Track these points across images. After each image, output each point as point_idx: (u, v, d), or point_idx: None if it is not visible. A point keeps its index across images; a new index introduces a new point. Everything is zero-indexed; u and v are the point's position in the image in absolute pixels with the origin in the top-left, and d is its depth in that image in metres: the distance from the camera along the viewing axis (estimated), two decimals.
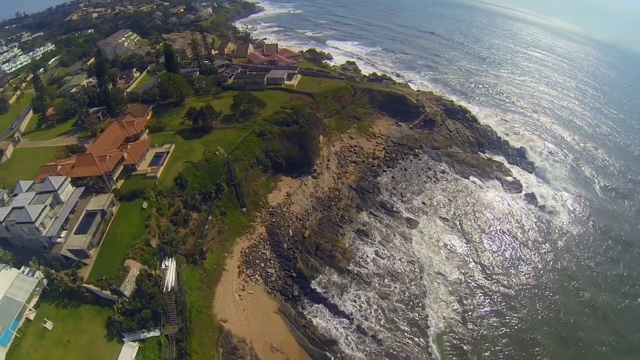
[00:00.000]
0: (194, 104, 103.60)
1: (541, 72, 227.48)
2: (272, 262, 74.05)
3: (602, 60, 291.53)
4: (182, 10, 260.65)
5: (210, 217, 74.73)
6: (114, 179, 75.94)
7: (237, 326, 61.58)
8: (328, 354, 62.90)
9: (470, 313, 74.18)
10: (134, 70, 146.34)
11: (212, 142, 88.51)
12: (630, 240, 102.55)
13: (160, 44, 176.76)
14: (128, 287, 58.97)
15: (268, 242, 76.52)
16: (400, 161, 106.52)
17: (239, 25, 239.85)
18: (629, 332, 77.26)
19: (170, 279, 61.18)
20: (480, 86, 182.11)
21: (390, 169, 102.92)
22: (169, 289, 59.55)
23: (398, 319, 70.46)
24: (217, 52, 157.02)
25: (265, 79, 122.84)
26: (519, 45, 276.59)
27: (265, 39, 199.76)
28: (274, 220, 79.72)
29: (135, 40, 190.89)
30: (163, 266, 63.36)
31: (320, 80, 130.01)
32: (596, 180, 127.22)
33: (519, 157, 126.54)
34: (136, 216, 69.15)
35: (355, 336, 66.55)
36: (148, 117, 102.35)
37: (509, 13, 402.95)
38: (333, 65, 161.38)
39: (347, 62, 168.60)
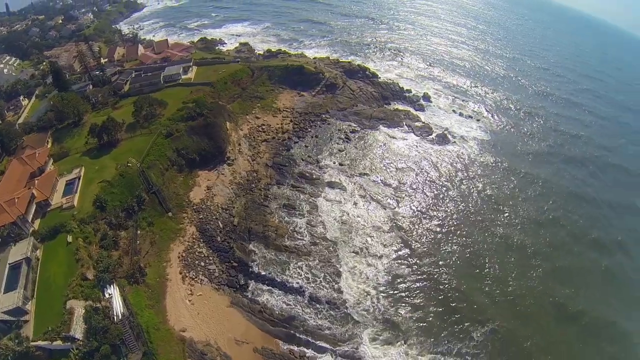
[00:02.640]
0: (94, 119, 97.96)
1: (435, 23, 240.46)
2: (210, 258, 73.33)
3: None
4: (60, 21, 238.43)
5: (139, 232, 72.39)
6: (30, 220, 70.14)
7: (197, 332, 61.36)
8: (291, 330, 64.04)
9: (408, 258, 79.00)
10: (21, 98, 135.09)
11: (122, 155, 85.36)
12: (534, 157, 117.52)
13: (44, 63, 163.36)
14: (78, 330, 55.54)
15: (201, 240, 75.55)
16: (309, 130, 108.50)
17: (124, 26, 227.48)
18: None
19: (117, 306, 59.27)
20: (376, 45, 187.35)
21: (301, 139, 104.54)
22: (120, 317, 57.59)
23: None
24: (106, 59, 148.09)
25: (161, 77, 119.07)
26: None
27: (154, 36, 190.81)
28: (201, 217, 78.94)
29: (15, 64, 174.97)
30: (107, 295, 60.70)
31: (216, 67, 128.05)
32: (498, 115, 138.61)
33: (424, 102, 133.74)
34: (64, 253, 65.18)
35: (311, 306, 68.26)
36: (49, 146, 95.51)
37: None
38: (227, 50, 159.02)
39: (240, 43, 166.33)
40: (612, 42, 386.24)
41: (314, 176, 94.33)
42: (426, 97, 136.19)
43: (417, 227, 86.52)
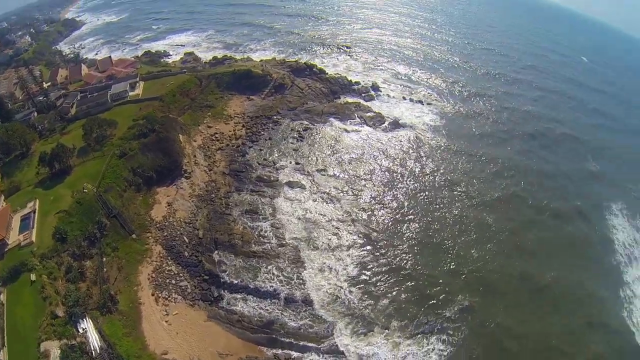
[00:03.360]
0: (42, 148, 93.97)
1: (378, 15, 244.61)
2: (181, 275, 72.23)
3: None
4: None
5: (104, 259, 70.56)
6: None
7: (179, 352, 60.69)
8: (273, 335, 64.20)
9: (373, 248, 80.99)
10: None
11: (77, 181, 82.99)
12: (487, 136, 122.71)
13: None
14: None
15: (169, 258, 74.43)
16: (262, 133, 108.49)
17: (64, 47, 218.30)
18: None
19: (94, 339, 57.61)
20: (321, 41, 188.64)
21: (255, 143, 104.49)
22: (98, 351, 56.13)
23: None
24: (49, 83, 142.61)
25: (108, 96, 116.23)
26: None
27: (96, 54, 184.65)
28: (165, 234, 77.87)
29: None
30: (81, 330, 58.47)
31: (164, 80, 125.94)
32: (448, 98, 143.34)
33: (373, 92, 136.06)
34: (29, 293, 62.03)
35: (288, 307, 68.67)
36: None
37: None
38: (173, 62, 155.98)
39: (185, 53, 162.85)
40: (558, 21, 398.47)
41: (272, 178, 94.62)
42: (375, 87, 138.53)
43: (378, 216, 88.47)
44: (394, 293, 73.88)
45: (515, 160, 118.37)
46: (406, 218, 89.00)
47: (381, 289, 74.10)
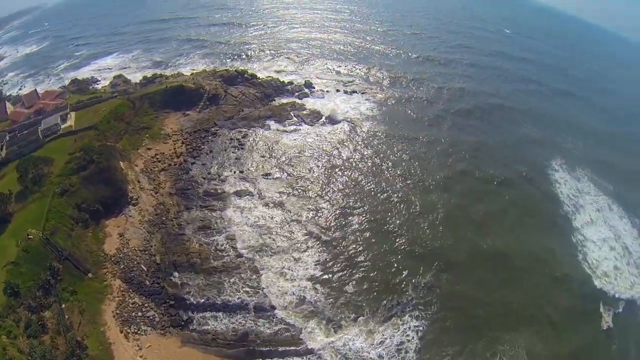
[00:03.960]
0: None
1: (303, 14, 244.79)
2: (146, 305, 70.61)
3: None
4: None
5: (63, 305, 66.97)
6: None
7: None
8: (250, 346, 64.44)
9: (329, 243, 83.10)
10: None
11: (20, 228, 78.53)
12: (426, 118, 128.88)
13: None
14: None
15: (131, 290, 72.50)
16: (203, 147, 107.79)
17: None
18: None
19: None
20: (249, 46, 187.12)
21: (197, 158, 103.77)
22: None
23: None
24: None
25: (39, 133, 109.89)
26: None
27: (21, 89, 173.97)
28: (122, 266, 75.95)
29: None
30: None
31: (96, 107, 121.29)
32: (383, 86, 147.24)
33: (307, 90, 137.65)
34: None
35: (260, 316, 69.25)
36: None
37: None
38: (102, 87, 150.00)
39: (114, 77, 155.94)
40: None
41: (219, 191, 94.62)
42: (308, 85, 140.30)
43: (327, 212, 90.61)
44: (358, 283, 76.35)
45: (456, 137, 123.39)
46: (355, 210, 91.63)
47: (344, 281, 76.21)
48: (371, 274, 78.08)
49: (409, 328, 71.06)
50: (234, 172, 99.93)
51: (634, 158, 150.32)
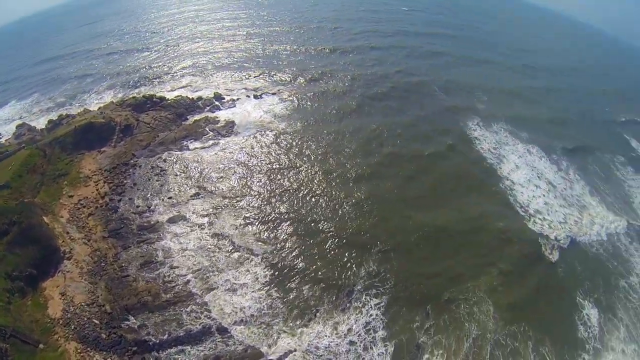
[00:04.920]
0: None
1: (201, 27, 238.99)
2: (109, 359, 67.90)
3: None
4: None
5: None
6: None
7: None
8: None
9: (271, 250, 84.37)
10: None
11: None
12: (345, 108, 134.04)
13: None
14: None
15: (89, 349, 68.53)
16: (126, 181, 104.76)
17: None
18: None
19: None
20: (151, 69, 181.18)
21: (122, 194, 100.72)
22: None
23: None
24: None
25: None
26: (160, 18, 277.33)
27: None
28: (73, 327, 71.85)
29: None
30: None
31: (4, 164, 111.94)
32: (296, 84, 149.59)
33: (218, 102, 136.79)
34: None
35: (226, 336, 69.53)
36: None
37: None
38: (6, 140, 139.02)
39: (17, 127, 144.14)
40: None
41: (152, 222, 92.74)
42: (218, 97, 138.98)
43: (261, 220, 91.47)
44: (309, 282, 78.60)
45: (377, 122, 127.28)
46: (286, 215, 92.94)
47: (296, 283, 78.33)
48: (319, 272, 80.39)
49: (371, 307, 74.68)
50: (163, 200, 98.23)
51: (541, 107, 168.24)
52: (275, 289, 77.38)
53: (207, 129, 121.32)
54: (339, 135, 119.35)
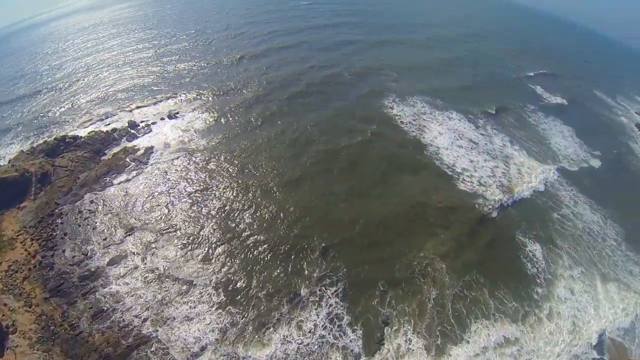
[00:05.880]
0: None
1: (104, 55, 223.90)
2: None
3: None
4: None
5: None
6: None
7: None
8: None
9: (216, 272, 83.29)
10: None
11: None
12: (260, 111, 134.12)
13: None
14: None
15: None
16: (55, 233, 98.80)
17: None
18: None
19: None
20: (55, 109, 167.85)
21: (54, 248, 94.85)
22: None
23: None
24: None
25: None
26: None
27: None
28: None
29: None
30: None
31: None
32: (209, 98, 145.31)
33: (133, 130, 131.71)
34: None
35: None
36: None
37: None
38: None
39: None
40: None
41: (93, 269, 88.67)
42: (133, 124, 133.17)
43: (200, 241, 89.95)
44: (264, 290, 78.98)
45: (300, 121, 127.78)
46: (227, 234, 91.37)
47: (250, 294, 78.47)
48: (270, 279, 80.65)
49: (329, 297, 76.69)
50: (98, 244, 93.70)
51: (452, 76, 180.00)
52: (231, 306, 76.78)
53: (128, 160, 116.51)
54: (264, 142, 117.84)
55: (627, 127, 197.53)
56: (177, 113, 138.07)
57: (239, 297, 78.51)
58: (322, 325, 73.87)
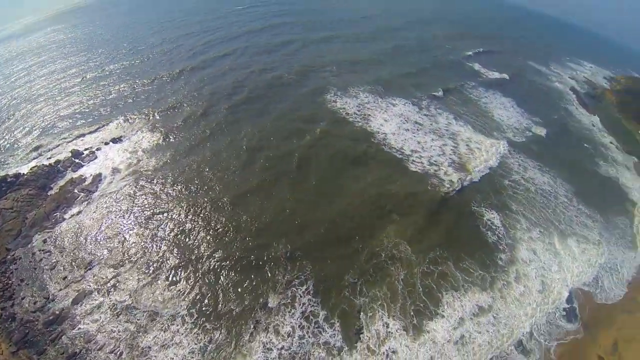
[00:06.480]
0: None
1: (33, 89, 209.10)
2: None
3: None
4: None
5: None
6: None
7: None
8: None
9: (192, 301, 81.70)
10: None
11: None
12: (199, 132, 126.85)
13: None
14: None
15: None
16: (10, 281, 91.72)
17: None
18: None
19: None
20: None
21: (13, 297, 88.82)
22: None
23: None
24: None
25: None
26: None
27: None
28: None
29: None
30: None
31: None
32: (149, 120, 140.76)
33: (76, 159, 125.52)
34: None
35: None
36: None
37: None
38: None
39: None
40: None
41: (58, 311, 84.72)
42: (77, 153, 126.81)
43: (164, 267, 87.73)
44: (236, 300, 79.00)
45: (247, 130, 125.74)
46: (187, 255, 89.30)
47: (223, 308, 78.24)
48: (238, 291, 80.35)
49: (301, 296, 77.92)
50: (58, 284, 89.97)
51: (392, 64, 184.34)
52: (206, 324, 76.28)
53: (76, 191, 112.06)
54: (214, 154, 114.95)
55: (563, 92, 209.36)
56: (122, 136, 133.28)
57: (211, 314, 77.78)
58: (300, 326, 74.84)
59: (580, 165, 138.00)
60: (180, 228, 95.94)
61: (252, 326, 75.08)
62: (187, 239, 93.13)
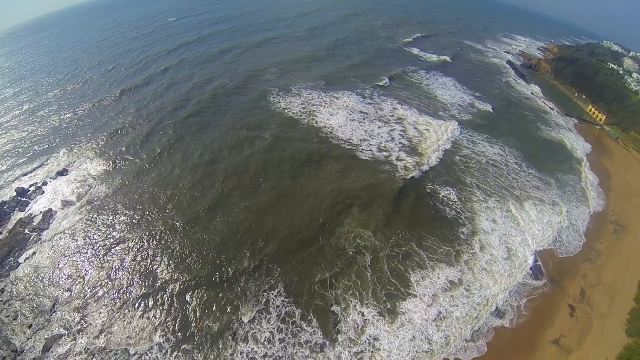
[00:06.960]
0: None
1: None
2: None
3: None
4: None
5: None
6: None
7: None
8: None
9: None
10: None
11: None
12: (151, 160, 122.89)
13: None
14: None
15: None
16: None
17: None
18: None
19: None
20: None
21: None
22: None
23: None
24: None
25: None
26: None
27: None
28: None
29: None
30: None
31: None
32: (96, 146, 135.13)
33: (23, 197, 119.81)
34: None
35: None
36: None
37: None
38: None
39: None
40: None
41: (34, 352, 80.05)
42: (22, 192, 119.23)
43: (130, 299, 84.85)
44: (211, 316, 78.12)
45: (197, 144, 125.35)
46: (156, 283, 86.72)
47: (200, 324, 77.17)
48: (213, 307, 79.46)
49: (274, 298, 78.36)
50: (24, 333, 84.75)
51: (332, 60, 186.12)
52: (185, 345, 74.51)
53: (27, 232, 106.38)
54: (168, 172, 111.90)
55: (500, 66, 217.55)
56: (69, 165, 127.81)
57: (188, 336, 75.96)
58: (278, 329, 74.71)
59: (525, 132, 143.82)
60: (141, 256, 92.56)
61: (230, 339, 74.07)
62: (150, 266, 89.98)
